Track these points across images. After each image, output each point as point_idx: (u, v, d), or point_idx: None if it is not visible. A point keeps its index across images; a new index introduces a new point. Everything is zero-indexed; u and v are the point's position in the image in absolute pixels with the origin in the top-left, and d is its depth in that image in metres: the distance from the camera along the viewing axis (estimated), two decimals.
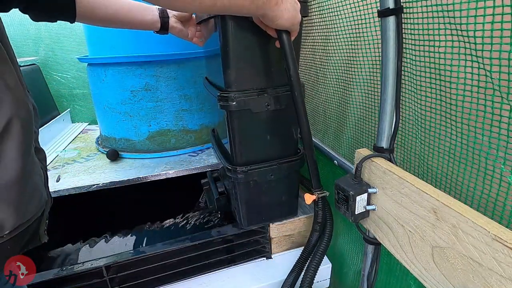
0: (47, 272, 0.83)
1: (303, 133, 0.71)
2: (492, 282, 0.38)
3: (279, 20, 0.56)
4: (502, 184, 0.45)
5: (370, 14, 0.67)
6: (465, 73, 0.47)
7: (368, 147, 0.68)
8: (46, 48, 1.74)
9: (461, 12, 0.43)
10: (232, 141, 0.79)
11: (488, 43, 0.41)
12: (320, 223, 0.86)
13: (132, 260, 0.88)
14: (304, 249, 0.92)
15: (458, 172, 0.53)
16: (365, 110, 0.76)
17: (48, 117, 1.57)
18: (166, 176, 1.05)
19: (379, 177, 0.58)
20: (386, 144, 0.62)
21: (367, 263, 0.73)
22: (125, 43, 1.09)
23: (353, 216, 0.62)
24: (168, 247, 0.90)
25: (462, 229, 0.41)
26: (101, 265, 0.84)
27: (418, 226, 0.50)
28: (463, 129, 0.50)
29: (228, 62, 0.70)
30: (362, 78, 0.76)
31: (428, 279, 0.50)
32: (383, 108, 0.60)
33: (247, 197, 0.87)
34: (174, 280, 0.93)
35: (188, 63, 1.14)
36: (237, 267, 0.99)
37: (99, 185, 0.98)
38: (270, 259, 1.01)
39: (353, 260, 0.97)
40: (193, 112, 1.21)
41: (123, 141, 1.22)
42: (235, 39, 0.68)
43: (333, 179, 0.66)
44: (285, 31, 0.61)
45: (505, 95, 0.41)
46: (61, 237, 1.21)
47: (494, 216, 0.47)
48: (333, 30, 0.83)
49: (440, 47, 0.51)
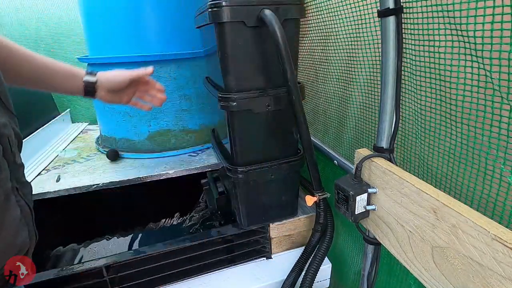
0: (47, 272, 0.83)
1: (302, 137, 0.71)
2: (492, 282, 0.38)
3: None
4: (502, 184, 0.45)
5: (370, 14, 0.67)
6: (465, 73, 0.47)
7: (368, 147, 0.68)
8: (46, 48, 1.74)
9: (461, 12, 0.43)
10: (233, 141, 0.79)
11: (488, 43, 0.41)
12: (322, 224, 0.87)
13: (132, 260, 0.88)
14: (305, 249, 0.92)
15: (458, 172, 0.53)
16: (365, 110, 0.76)
17: (48, 117, 1.57)
18: (166, 176, 1.05)
19: (379, 177, 0.58)
20: (386, 144, 0.62)
21: (367, 263, 0.73)
22: (125, 43, 1.09)
23: (353, 216, 0.62)
24: (168, 247, 0.90)
25: (462, 229, 0.41)
26: (101, 265, 0.84)
27: (418, 226, 0.50)
28: (463, 129, 0.50)
29: (227, 65, 0.70)
30: (362, 78, 0.76)
31: (428, 279, 0.50)
32: (383, 108, 0.60)
33: (247, 197, 0.87)
34: (174, 280, 0.93)
35: (188, 62, 1.14)
36: (237, 267, 0.99)
37: (99, 185, 0.98)
38: (270, 259, 1.01)
39: (353, 260, 0.97)
40: (193, 112, 1.21)
41: (123, 141, 1.22)
42: (232, 43, 0.68)
43: (333, 179, 0.66)
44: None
45: (505, 95, 0.41)
46: (61, 237, 1.21)
47: (494, 216, 0.47)
48: (333, 30, 0.83)
49: (440, 47, 0.51)
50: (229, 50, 0.68)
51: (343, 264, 1.04)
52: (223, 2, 0.64)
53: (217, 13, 0.65)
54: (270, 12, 0.64)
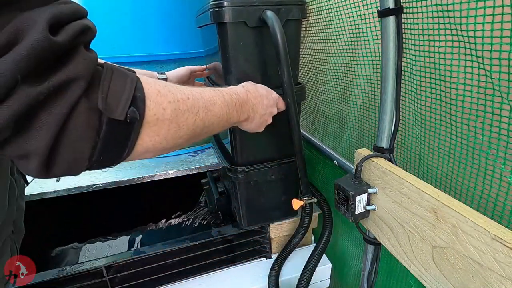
0: (47, 272, 0.83)
1: (293, 140, 0.72)
2: (492, 282, 0.38)
3: (246, 128, 0.63)
4: (502, 184, 0.45)
5: (370, 14, 0.67)
6: (465, 73, 0.47)
7: (368, 147, 0.68)
8: None
9: (461, 12, 0.43)
10: (233, 141, 0.79)
11: (488, 43, 0.41)
12: (305, 227, 0.87)
13: (132, 260, 0.88)
14: (284, 249, 0.94)
15: (458, 172, 0.53)
16: (365, 110, 0.76)
17: None
18: (166, 176, 1.05)
19: (379, 177, 0.58)
20: (386, 144, 0.62)
21: (367, 263, 0.72)
22: (125, 43, 1.09)
23: (353, 216, 0.62)
24: (168, 247, 0.90)
25: (462, 229, 0.41)
26: (101, 265, 0.84)
27: (418, 226, 0.50)
28: (463, 129, 0.50)
29: (228, 65, 0.70)
30: (362, 78, 0.76)
31: (428, 279, 0.50)
32: (383, 108, 0.60)
33: (247, 197, 0.87)
34: (174, 280, 0.93)
35: (188, 62, 1.14)
36: (237, 267, 0.99)
37: (99, 185, 0.98)
38: (270, 259, 1.01)
39: (353, 260, 0.97)
40: None
41: None
42: (233, 43, 0.68)
43: (333, 179, 0.66)
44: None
45: (505, 95, 0.41)
46: (61, 237, 1.21)
47: (494, 216, 0.47)
48: (333, 30, 0.83)
49: (440, 47, 0.51)
50: (230, 51, 0.68)
51: (343, 264, 1.04)
52: (225, 2, 0.64)
53: (218, 13, 0.65)
54: (271, 13, 0.64)
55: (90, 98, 0.29)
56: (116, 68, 0.33)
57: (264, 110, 0.61)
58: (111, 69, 0.32)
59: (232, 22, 0.65)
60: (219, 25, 0.67)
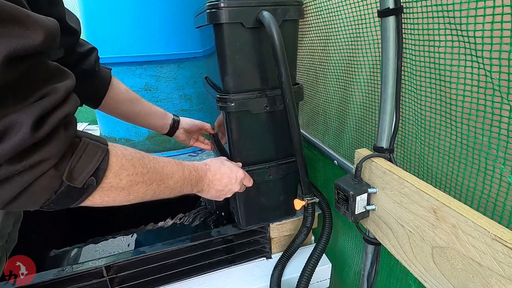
0: (47, 272, 0.83)
1: (293, 140, 0.72)
2: (492, 282, 0.38)
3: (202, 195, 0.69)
4: (502, 184, 0.45)
5: (370, 14, 0.67)
6: (465, 73, 0.47)
7: (368, 147, 0.68)
8: None
9: (461, 12, 0.43)
10: (231, 141, 0.79)
11: (488, 43, 0.41)
12: (308, 227, 0.87)
13: (132, 260, 0.88)
14: (287, 248, 0.93)
15: (458, 172, 0.53)
16: (365, 110, 0.76)
17: None
18: None
19: (379, 177, 0.58)
20: (386, 144, 0.62)
21: (367, 263, 0.73)
22: (125, 43, 1.09)
23: (353, 216, 0.62)
24: (168, 247, 0.90)
25: (462, 229, 0.41)
26: (101, 265, 0.84)
27: (418, 226, 0.50)
28: (463, 129, 0.50)
29: (225, 66, 0.70)
30: (362, 78, 0.76)
31: (428, 279, 0.50)
32: (383, 108, 0.60)
33: (246, 197, 0.87)
34: (174, 280, 0.93)
35: (187, 63, 1.14)
36: (237, 267, 0.99)
37: None
38: (270, 259, 1.01)
39: (353, 260, 0.97)
40: (193, 112, 1.21)
41: (123, 141, 1.22)
42: (230, 44, 0.68)
43: (333, 179, 0.66)
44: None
45: (505, 95, 0.41)
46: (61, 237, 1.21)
47: (494, 216, 0.47)
48: (333, 30, 0.83)
49: (440, 47, 0.51)
50: (227, 51, 0.68)
51: (343, 264, 1.04)
52: (221, 3, 0.64)
53: (215, 14, 0.65)
54: (268, 14, 0.64)
55: (59, 169, 0.34)
56: (92, 142, 0.38)
57: (222, 187, 0.68)
58: (87, 143, 0.37)
59: (229, 23, 0.65)
60: (215, 26, 0.67)
